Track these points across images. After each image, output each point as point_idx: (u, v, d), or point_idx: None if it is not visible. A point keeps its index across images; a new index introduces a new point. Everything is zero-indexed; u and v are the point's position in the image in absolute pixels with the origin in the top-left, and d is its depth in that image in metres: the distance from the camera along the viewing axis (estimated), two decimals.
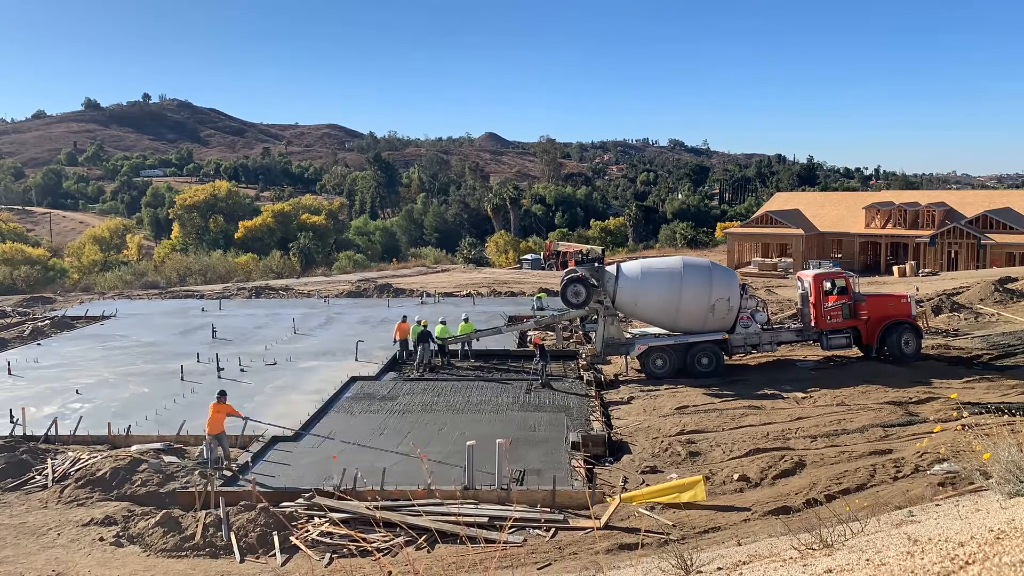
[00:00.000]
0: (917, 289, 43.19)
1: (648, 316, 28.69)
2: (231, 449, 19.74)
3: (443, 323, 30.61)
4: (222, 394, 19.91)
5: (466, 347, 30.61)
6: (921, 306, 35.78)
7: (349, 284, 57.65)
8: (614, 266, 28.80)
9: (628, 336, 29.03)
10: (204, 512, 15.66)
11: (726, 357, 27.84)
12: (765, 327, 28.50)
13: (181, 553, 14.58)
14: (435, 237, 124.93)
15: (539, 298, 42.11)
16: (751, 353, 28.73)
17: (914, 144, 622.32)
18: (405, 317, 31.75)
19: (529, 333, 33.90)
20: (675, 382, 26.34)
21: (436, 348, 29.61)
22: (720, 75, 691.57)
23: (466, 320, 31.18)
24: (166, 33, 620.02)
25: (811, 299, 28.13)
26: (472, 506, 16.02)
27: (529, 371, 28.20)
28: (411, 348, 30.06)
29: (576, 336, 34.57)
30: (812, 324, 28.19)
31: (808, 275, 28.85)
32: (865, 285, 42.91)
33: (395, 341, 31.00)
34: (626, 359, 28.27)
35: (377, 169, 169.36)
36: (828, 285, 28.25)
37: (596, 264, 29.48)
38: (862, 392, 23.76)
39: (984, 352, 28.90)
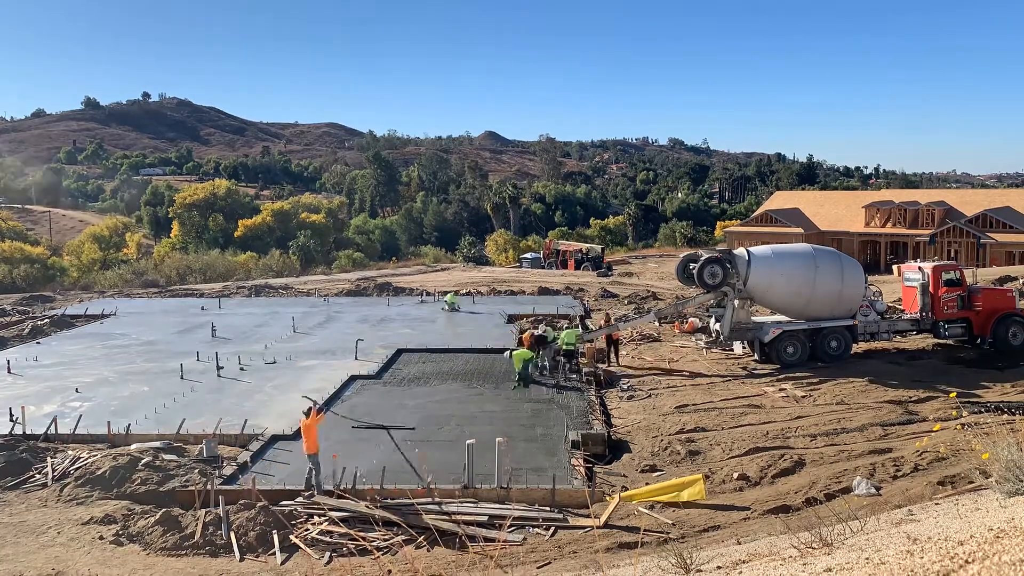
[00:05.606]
0: None
1: (778, 301, 28.28)
2: (230, 448, 19.74)
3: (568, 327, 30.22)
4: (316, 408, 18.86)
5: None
6: None
7: (349, 283, 57.63)
8: (743, 250, 28.59)
9: (756, 321, 28.42)
10: (204, 511, 15.65)
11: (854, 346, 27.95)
12: (884, 316, 28.63)
13: (181, 552, 14.57)
14: (435, 236, 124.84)
15: (450, 302, 43.25)
16: (867, 341, 28.67)
17: (914, 144, 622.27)
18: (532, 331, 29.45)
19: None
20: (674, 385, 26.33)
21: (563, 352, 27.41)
22: (720, 74, 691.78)
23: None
24: (166, 32, 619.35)
25: (931, 289, 28.29)
26: (472, 505, 16.03)
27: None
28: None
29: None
30: (930, 314, 28.36)
31: (928, 266, 29.13)
32: None
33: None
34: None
35: (377, 168, 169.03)
36: (946, 276, 28.57)
37: (726, 251, 29.18)
38: (862, 391, 23.77)
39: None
